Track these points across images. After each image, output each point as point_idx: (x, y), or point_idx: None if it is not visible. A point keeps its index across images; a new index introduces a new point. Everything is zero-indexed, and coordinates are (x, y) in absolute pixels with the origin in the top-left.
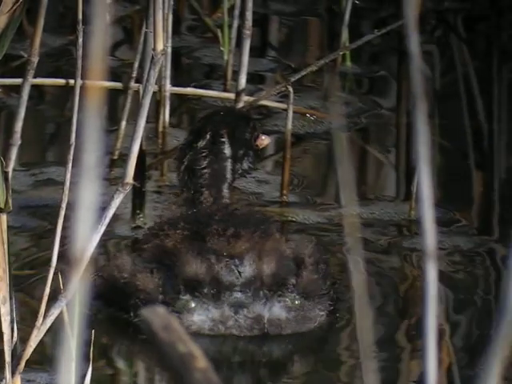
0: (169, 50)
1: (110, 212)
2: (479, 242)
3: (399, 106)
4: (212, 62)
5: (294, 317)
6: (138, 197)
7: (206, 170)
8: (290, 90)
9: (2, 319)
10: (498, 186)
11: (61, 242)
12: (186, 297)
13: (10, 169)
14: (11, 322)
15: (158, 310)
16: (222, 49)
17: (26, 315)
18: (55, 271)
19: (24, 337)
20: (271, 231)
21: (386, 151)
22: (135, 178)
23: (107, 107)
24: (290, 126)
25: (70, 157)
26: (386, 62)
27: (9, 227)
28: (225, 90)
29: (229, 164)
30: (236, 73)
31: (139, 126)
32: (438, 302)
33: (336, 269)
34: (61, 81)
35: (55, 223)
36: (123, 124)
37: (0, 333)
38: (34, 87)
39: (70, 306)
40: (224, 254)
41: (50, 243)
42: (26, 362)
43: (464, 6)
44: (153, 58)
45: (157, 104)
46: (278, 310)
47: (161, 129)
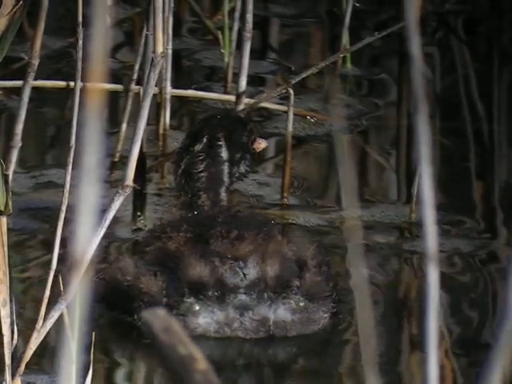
0: (169, 52)
1: (110, 214)
2: (479, 245)
3: (400, 108)
4: (212, 64)
5: (299, 319)
6: (138, 199)
7: (203, 174)
8: (291, 92)
9: (2, 321)
10: (499, 188)
11: (61, 245)
12: (191, 299)
13: (10, 171)
14: (11, 324)
15: (158, 312)
16: (222, 51)
17: (26, 318)
18: (55, 274)
19: (24, 339)
20: (273, 233)
21: (386, 153)
22: (135, 181)
23: (108, 109)
24: (290, 128)
25: (70, 159)
26: (386, 64)
27: (9, 229)
28: (225, 93)
29: (226, 167)
30: (236, 75)
31: (139, 128)
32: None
33: (337, 271)
34: (61, 83)
35: (55, 226)
36: (124, 126)
37: (0, 335)
38: (34, 89)
39: (71, 309)
40: (228, 256)
41: (51, 245)
42: (26, 364)
43: (465, 8)
44: (153, 60)
45: (157, 106)
46: (282, 312)
47: (161, 131)
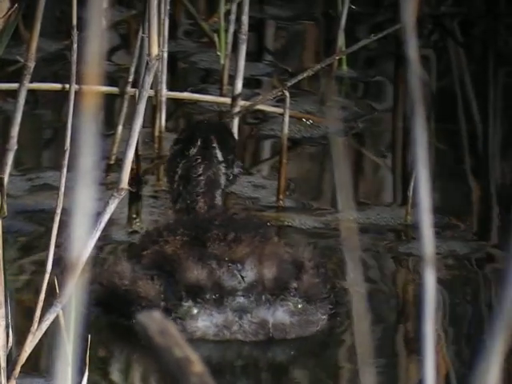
0: (165, 54)
1: (105, 217)
2: (475, 247)
3: (395, 110)
4: (208, 66)
5: (298, 321)
6: (134, 201)
7: (201, 178)
8: (287, 94)
9: None
10: (495, 189)
11: (56, 247)
12: (188, 303)
13: (5, 174)
14: (6, 327)
15: (154, 314)
16: (218, 53)
17: (22, 320)
18: (51, 276)
19: (19, 342)
20: (270, 235)
21: (382, 156)
22: (131, 183)
23: (103, 112)
24: (286, 130)
25: (66, 161)
26: (382, 66)
27: (4, 232)
28: (221, 95)
29: (222, 169)
30: (232, 77)
31: (134, 131)
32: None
33: (333, 273)
34: (57, 85)
35: (51, 228)
36: (120, 129)
37: None
38: (30, 92)
39: (66, 311)
40: (225, 258)
41: (46, 248)
42: (22, 367)
43: (460, 11)
44: (148, 62)
45: (153, 109)
46: (281, 315)
47: (157, 133)
